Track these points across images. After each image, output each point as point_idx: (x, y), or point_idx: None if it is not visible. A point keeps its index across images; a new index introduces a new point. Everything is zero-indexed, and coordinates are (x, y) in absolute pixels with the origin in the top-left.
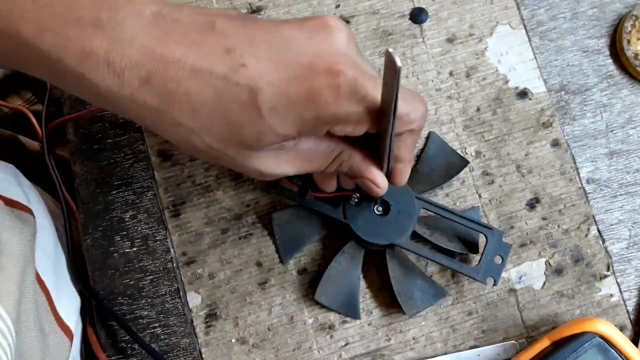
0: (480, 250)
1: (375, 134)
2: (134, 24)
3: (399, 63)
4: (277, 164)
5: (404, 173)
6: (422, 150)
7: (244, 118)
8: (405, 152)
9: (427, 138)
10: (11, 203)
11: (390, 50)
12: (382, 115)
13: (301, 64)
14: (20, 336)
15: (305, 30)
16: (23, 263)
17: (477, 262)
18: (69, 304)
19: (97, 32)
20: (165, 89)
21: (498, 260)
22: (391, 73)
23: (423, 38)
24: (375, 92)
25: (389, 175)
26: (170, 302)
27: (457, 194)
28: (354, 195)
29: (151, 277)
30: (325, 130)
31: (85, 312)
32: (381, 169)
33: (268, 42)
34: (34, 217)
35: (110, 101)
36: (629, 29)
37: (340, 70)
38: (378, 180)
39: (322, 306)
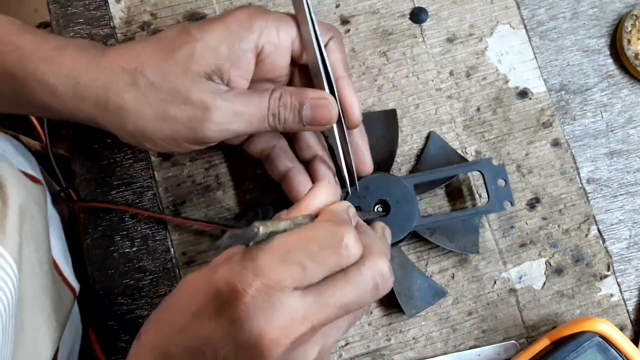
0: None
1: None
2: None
3: None
4: (219, 96)
5: (348, 90)
6: (423, 150)
7: (178, 42)
8: (338, 64)
9: (428, 138)
10: (24, 173)
11: None
12: (302, 29)
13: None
14: (23, 279)
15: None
16: (29, 214)
17: (486, 199)
18: (70, 274)
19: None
20: (116, 53)
21: (502, 183)
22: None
23: (423, 38)
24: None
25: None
26: None
27: (457, 194)
28: None
29: (151, 276)
30: (253, 42)
31: (85, 312)
32: (323, 88)
33: (211, 19)
34: (45, 188)
35: (67, 75)
36: (629, 28)
37: (242, 6)
38: (321, 94)
39: None
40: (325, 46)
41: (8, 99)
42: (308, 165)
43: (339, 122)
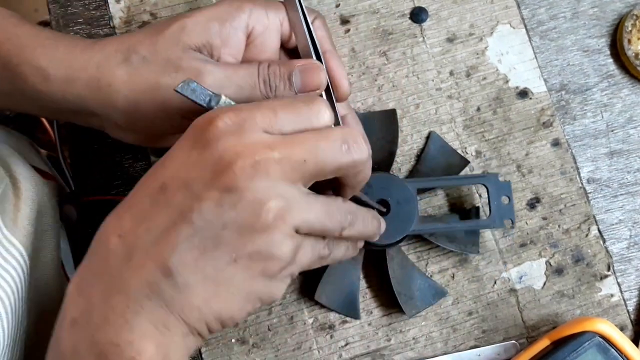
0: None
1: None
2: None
3: None
4: (210, 64)
5: (336, 61)
6: (423, 150)
7: (170, 21)
8: (325, 40)
9: (428, 138)
10: (36, 169)
11: None
12: (290, 11)
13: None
14: (33, 271)
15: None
16: (40, 209)
17: (488, 214)
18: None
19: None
20: (111, 40)
21: (505, 200)
22: None
23: (423, 37)
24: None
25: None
26: None
27: (457, 194)
28: None
29: None
30: (243, 22)
31: None
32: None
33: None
34: (57, 185)
35: (61, 60)
36: (630, 28)
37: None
38: (310, 61)
39: (322, 306)
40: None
41: (2, 90)
42: None
43: (329, 96)
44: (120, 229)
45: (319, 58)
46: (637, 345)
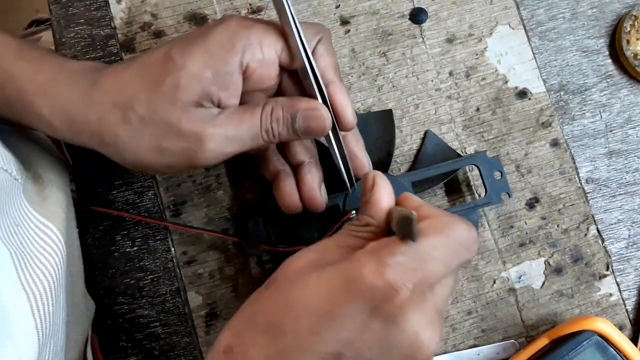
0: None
1: (293, 72)
2: (91, 65)
3: None
4: (211, 124)
5: (340, 95)
6: (420, 149)
7: (162, 71)
8: (328, 69)
9: (424, 137)
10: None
11: None
12: (287, 42)
13: (199, 29)
14: (69, 257)
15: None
16: (66, 198)
17: (484, 192)
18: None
19: (63, 66)
20: (105, 85)
21: (498, 176)
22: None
23: (423, 38)
24: (262, 20)
25: (334, 114)
26: (171, 301)
27: (457, 193)
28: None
29: (152, 276)
30: (237, 63)
31: None
32: (315, 97)
33: (189, 34)
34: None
35: (62, 110)
36: (628, 29)
37: (227, 16)
38: (312, 103)
39: None
40: (313, 51)
41: (13, 122)
42: (296, 169)
43: (333, 128)
44: None
45: (320, 88)
46: (635, 344)
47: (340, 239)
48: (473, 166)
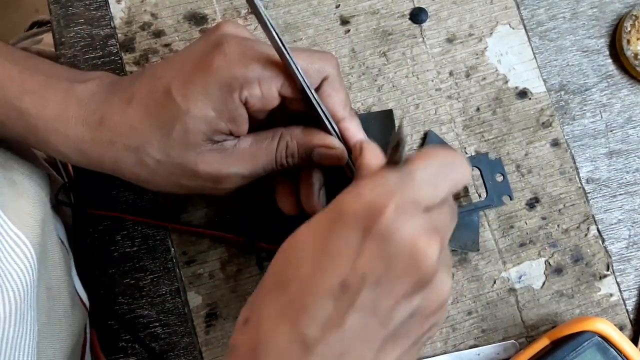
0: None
1: (305, 113)
2: (97, 89)
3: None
4: (226, 164)
5: (351, 131)
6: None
7: (168, 117)
8: (337, 108)
9: (425, 137)
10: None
11: None
12: (288, 73)
13: (196, 55)
14: (45, 269)
15: (201, 36)
16: (43, 209)
17: (485, 194)
18: (81, 289)
19: (68, 96)
20: (113, 123)
21: (499, 178)
22: (255, 12)
23: (423, 38)
24: (263, 49)
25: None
26: (171, 301)
27: (457, 194)
28: None
29: (151, 276)
30: (238, 101)
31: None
32: (329, 133)
33: (178, 56)
34: (50, 178)
35: (77, 147)
36: (629, 28)
37: (223, 41)
38: (328, 140)
39: None
40: (319, 90)
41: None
42: (298, 173)
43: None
44: (304, 338)
45: (331, 123)
46: (636, 345)
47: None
48: (474, 167)
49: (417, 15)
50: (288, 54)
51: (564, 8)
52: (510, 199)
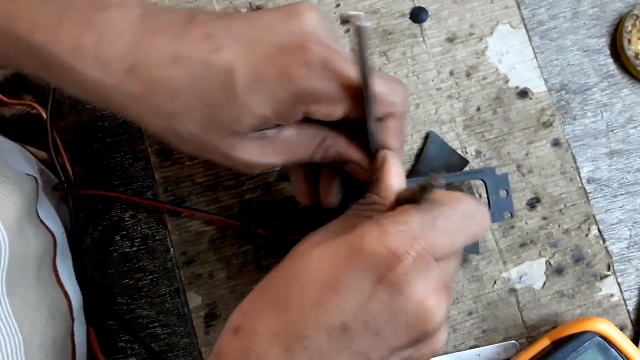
0: (484, 197)
1: (359, 120)
2: (122, 22)
3: (362, 22)
4: (262, 154)
5: (395, 163)
6: (422, 150)
7: (221, 98)
8: (391, 139)
9: (427, 138)
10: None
11: (350, 13)
12: (360, 96)
13: (273, 43)
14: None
15: (279, 14)
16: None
17: (486, 200)
18: (69, 283)
19: (87, 29)
20: (147, 77)
21: (503, 194)
22: (358, 38)
23: (423, 37)
24: (346, 69)
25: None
26: (170, 301)
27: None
28: None
29: (151, 276)
30: (301, 111)
31: (86, 312)
32: (367, 156)
33: (244, 27)
34: (37, 183)
35: (96, 92)
36: (630, 28)
37: (308, 46)
38: (366, 163)
39: None
40: (382, 118)
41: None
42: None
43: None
44: None
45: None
46: (637, 345)
47: (346, 219)
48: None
49: (418, 15)
50: (371, 79)
51: (565, 7)
52: (512, 216)
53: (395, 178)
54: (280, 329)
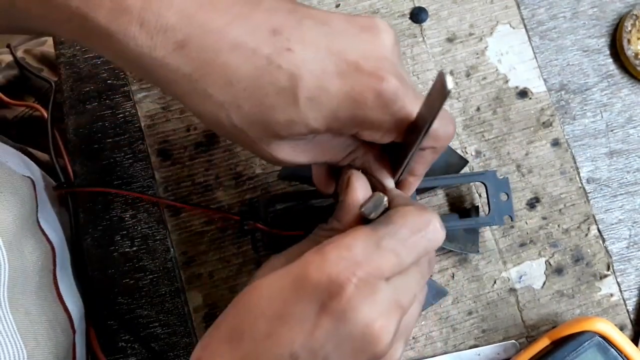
0: (483, 203)
1: (398, 143)
2: None
3: (450, 85)
4: (294, 153)
5: (412, 186)
6: None
7: (279, 103)
8: (420, 167)
9: None
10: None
11: (445, 72)
12: (413, 129)
13: (347, 61)
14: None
15: (356, 26)
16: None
17: (487, 209)
18: (69, 295)
19: None
20: (201, 57)
21: (504, 197)
22: (438, 93)
23: (423, 37)
24: (413, 106)
25: (397, 184)
26: (170, 301)
27: (457, 193)
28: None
29: (151, 276)
30: (353, 132)
31: (86, 312)
32: (392, 175)
33: (316, 30)
34: (34, 185)
35: (138, 63)
36: (629, 28)
37: (384, 76)
38: (386, 182)
39: None
40: (419, 145)
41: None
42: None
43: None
44: None
45: (406, 166)
46: (636, 345)
47: (305, 244)
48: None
49: (417, 15)
50: (433, 119)
51: (565, 7)
52: (512, 220)
53: (356, 200)
54: None
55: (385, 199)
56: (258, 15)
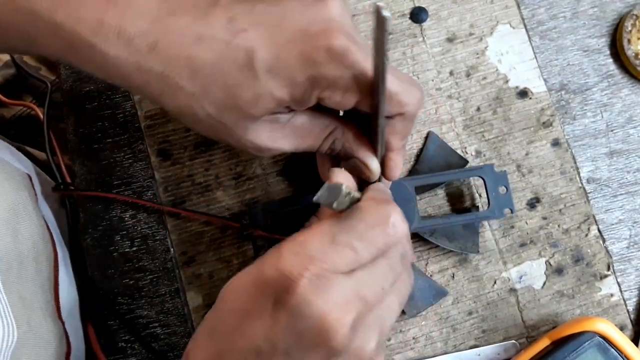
0: (482, 200)
1: (368, 114)
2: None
3: (386, 13)
4: (273, 139)
5: (394, 163)
6: (422, 150)
7: (241, 80)
8: (395, 139)
9: (426, 138)
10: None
11: (380, 5)
12: (373, 90)
13: (295, 29)
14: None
15: (306, 2)
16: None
17: (487, 205)
18: (63, 284)
19: (110, 6)
20: (169, 54)
21: (503, 190)
22: (380, 28)
23: (423, 37)
24: (365, 61)
25: (382, 165)
26: (170, 301)
27: (457, 194)
28: None
29: (151, 276)
30: (315, 96)
31: (85, 312)
32: (374, 153)
33: (267, 11)
34: (32, 181)
35: (117, 70)
36: (630, 28)
37: (332, 34)
38: (369, 161)
39: None
40: (390, 117)
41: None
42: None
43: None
44: None
45: (381, 138)
46: (636, 345)
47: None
48: (479, 177)
49: (418, 15)
50: (385, 74)
51: (565, 7)
52: (512, 212)
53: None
54: (211, 355)
55: (344, 186)
56: (216, 11)
